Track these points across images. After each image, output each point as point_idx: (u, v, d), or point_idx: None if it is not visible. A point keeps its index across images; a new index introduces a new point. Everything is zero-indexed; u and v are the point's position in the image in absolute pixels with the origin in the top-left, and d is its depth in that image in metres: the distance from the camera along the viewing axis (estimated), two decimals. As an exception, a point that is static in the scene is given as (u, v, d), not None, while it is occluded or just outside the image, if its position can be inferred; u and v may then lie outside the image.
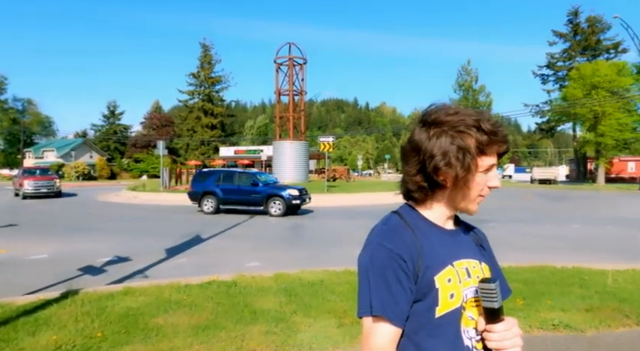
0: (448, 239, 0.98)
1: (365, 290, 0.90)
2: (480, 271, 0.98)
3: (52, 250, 7.56)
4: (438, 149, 0.91)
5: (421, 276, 0.90)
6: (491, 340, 0.91)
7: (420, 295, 0.90)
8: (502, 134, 0.93)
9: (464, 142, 0.90)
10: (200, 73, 62.39)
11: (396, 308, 0.87)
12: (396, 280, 0.87)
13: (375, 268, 0.89)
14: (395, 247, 0.89)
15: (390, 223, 0.96)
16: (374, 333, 0.87)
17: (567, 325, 3.65)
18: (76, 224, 11.75)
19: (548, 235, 9.69)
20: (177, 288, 4.74)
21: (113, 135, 65.15)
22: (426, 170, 0.93)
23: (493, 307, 0.89)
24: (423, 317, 0.90)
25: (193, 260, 6.79)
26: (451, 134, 0.91)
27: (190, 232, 9.39)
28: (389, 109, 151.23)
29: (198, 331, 3.49)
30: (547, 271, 5.64)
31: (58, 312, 3.91)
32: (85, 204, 18.22)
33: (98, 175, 50.96)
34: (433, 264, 0.91)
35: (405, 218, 0.97)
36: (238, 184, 13.76)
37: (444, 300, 0.90)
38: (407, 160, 0.97)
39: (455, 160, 0.90)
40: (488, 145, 0.92)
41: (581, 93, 34.47)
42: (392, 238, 0.92)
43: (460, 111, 0.94)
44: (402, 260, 0.88)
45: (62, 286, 5.01)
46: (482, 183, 0.95)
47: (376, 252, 0.90)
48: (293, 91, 30.84)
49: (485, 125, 0.91)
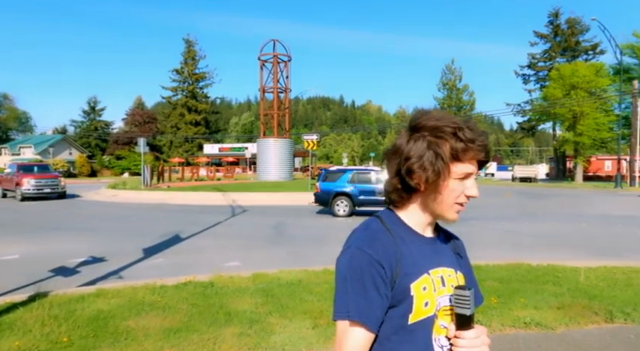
0: (426, 247, 0.99)
1: (342, 294, 0.90)
2: (455, 280, 0.99)
3: (24, 251, 7.34)
4: (413, 152, 0.93)
5: (398, 283, 0.90)
6: (460, 346, 0.92)
7: (395, 301, 0.91)
8: (480, 143, 0.93)
9: (439, 147, 0.92)
10: (184, 69, 61.57)
11: (371, 314, 0.88)
12: (373, 286, 0.88)
13: (353, 272, 0.89)
14: (374, 253, 0.90)
15: (370, 228, 0.97)
16: (347, 337, 0.88)
17: (539, 323, 3.70)
18: (50, 223, 11.44)
19: (525, 232, 9.87)
20: (152, 289, 4.65)
21: (94, 131, 63.73)
22: (401, 173, 0.95)
23: (465, 313, 0.91)
24: (396, 323, 0.91)
25: (171, 260, 6.68)
26: (428, 139, 0.93)
27: (170, 232, 9.24)
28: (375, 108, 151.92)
29: (170, 334, 3.42)
30: (523, 269, 5.73)
31: (24, 316, 3.79)
32: (63, 202, 17.76)
33: (78, 173, 49.83)
34: (410, 271, 0.92)
35: (386, 223, 0.97)
36: (375, 183, 12.41)
37: (418, 307, 0.91)
38: (387, 163, 0.99)
39: (427, 163, 0.91)
40: (464, 152, 0.92)
41: (560, 93, 35.22)
42: (372, 243, 0.92)
43: (443, 117, 0.94)
44: (381, 266, 0.89)
45: (31, 288, 4.85)
46: (457, 190, 0.95)
47: (355, 256, 0.90)
48: (277, 89, 30.67)
49: (464, 133, 0.92)
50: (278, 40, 30.41)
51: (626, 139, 31.59)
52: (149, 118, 62.58)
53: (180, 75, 61.83)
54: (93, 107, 65.42)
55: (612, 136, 34.16)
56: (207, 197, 17.98)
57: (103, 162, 56.26)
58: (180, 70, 61.63)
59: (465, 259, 1.10)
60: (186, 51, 61.81)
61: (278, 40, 30.41)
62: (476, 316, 3.13)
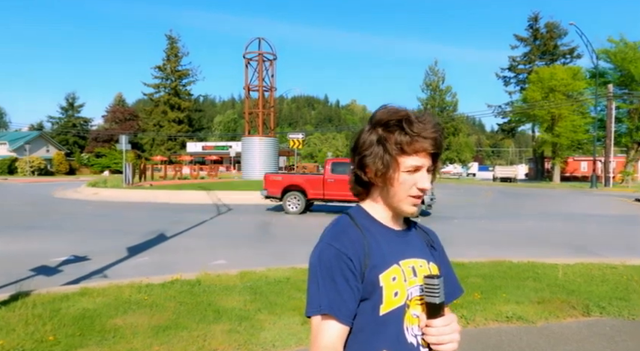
0: (395, 239, 1.00)
1: (314, 289, 0.91)
2: (428, 270, 1.00)
3: (3, 249, 7.14)
4: (365, 147, 0.96)
5: (367, 275, 0.91)
6: (430, 334, 0.93)
7: (366, 293, 0.92)
8: (426, 135, 0.93)
9: (386, 141, 0.94)
10: (166, 65, 60.62)
11: (343, 307, 0.88)
12: (343, 280, 0.89)
13: (322, 267, 0.91)
14: (342, 247, 0.91)
15: (339, 224, 0.98)
16: (322, 331, 0.88)
17: (520, 317, 3.84)
18: (29, 222, 11.13)
19: (505, 230, 10.13)
20: (138, 288, 4.60)
21: (72, 128, 62.10)
22: (359, 164, 0.99)
23: (434, 302, 0.92)
24: (369, 315, 0.92)
25: (156, 259, 6.61)
26: (379, 133, 0.96)
27: (154, 230, 9.12)
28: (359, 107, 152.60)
29: (159, 332, 3.40)
30: (504, 265, 5.90)
31: (7, 315, 3.71)
32: (41, 201, 17.30)
33: (55, 171, 48.50)
34: (379, 263, 0.93)
35: (355, 219, 0.99)
36: None
37: (388, 298, 0.92)
38: (351, 158, 1.02)
39: (377, 157, 0.94)
40: (408, 144, 0.93)
41: (539, 95, 36.16)
42: (340, 237, 0.93)
43: (396, 112, 0.95)
44: (349, 259, 0.90)
45: (12, 287, 4.73)
46: (407, 183, 0.95)
47: (324, 252, 0.92)
48: (263, 87, 30.51)
49: (410, 126, 0.92)
50: (264, 39, 30.27)
51: (602, 141, 32.66)
52: (130, 115, 61.38)
53: (162, 72, 60.85)
54: (71, 103, 63.75)
55: (588, 137, 35.27)
56: (191, 196, 17.78)
57: (82, 160, 54.89)
58: (162, 66, 60.64)
59: (440, 250, 1.11)
60: (168, 47, 60.85)
61: (264, 39, 30.27)
62: (461, 310, 3.20)
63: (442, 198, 20.75)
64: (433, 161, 0.98)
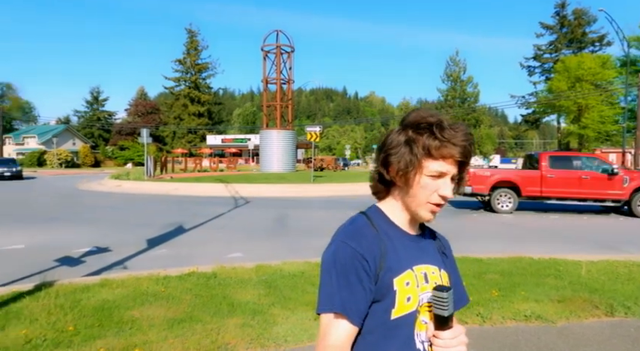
0: (410, 244, 1.00)
1: (326, 287, 0.91)
2: (439, 278, 1.00)
3: (30, 241, 7.42)
4: (392, 145, 0.96)
5: (381, 277, 0.91)
6: (437, 346, 0.93)
7: (379, 295, 0.91)
8: (457, 142, 0.92)
9: (414, 142, 0.94)
10: (186, 59, 61.31)
11: (355, 307, 0.88)
12: (357, 280, 0.89)
13: (337, 266, 0.90)
14: (358, 247, 0.91)
15: (356, 223, 0.98)
16: (332, 330, 0.88)
17: (539, 316, 3.73)
18: (55, 214, 11.53)
19: (526, 225, 9.87)
20: (156, 280, 4.70)
21: (97, 122, 63.82)
22: (380, 164, 0.99)
23: (442, 314, 0.91)
24: (379, 318, 0.92)
25: (174, 251, 6.73)
26: (409, 134, 0.95)
27: (173, 223, 9.30)
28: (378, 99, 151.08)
29: (174, 324, 3.46)
30: (524, 262, 5.75)
31: (31, 305, 3.84)
32: (66, 193, 17.88)
33: (81, 163, 50.03)
34: (394, 266, 0.93)
35: (372, 219, 0.98)
36: None
37: (400, 302, 0.92)
38: (376, 155, 1.02)
39: (400, 155, 0.94)
40: (437, 149, 0.92)
41: (565, 85, 34.91)
42: (356, 237, 0.93)
43: (430, 115, 0.95)
44: (365, 260, 0.90)
45: (37, 277, 4.91)
46: (429, 188, 0.95)
47: (340, 250, 0.91)
48: (280, 80, 30.51)
49: (441, 131, 0.92)
50: (281, 31, 30.19)
51: (632, 132, 31.31)
52: (152, 108, 62.55)
53: (182, 65, 61.61)
54: (96, 97, 65.44)
55: (617, 128, 33.94)
56: (210, 188, 18.04)
57: (107, 152, 56.44)
58: (182, 60, 61.38)
59: (451, 258, 1.11)
60: (188, 41, 61.49)
61: (281, 31, 30.19)
62: (477, 308, 3.12)
63: (462, 191, 20.41)
64: (459, 170, 0.97)
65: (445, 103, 54.15)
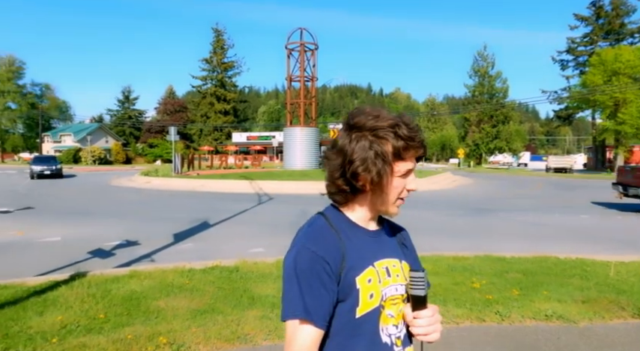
0: (370, 240, 1.00)
1: (289, 293, 0.90)
2: (400, 270, 1.01)
3: (65, 233, 7.83)
4: (357, 155, 0.92)
5: (343, 277, 0.91)
6: (419, 326, 0.95)
7: (343, 295, 0.92)
8: (419, 139, 0.94)
9: (381, 147, 0.92)
10: (213, 58, 62.39)
11: (319, 311, 0.89)
12: (319, 283, 0.89)
13: (298, 271, 0.89)
14: (318, 250, 0.90)
15: (314, 225, 0.97)
16: (297, 335, 0.88)
17: (561, 315, 3.66)
18: (89, 208, 12.09)
19: (554, 225, 9.59)
20: (181, 272, 4.89)
21: (128, 120, 66.05)
22: (346, 175, 0.94)
23: (420, 294, 0.94)
24: (345, 317, 0.92)
25: (199, 245, 6.95)
26: (370, 139, 0.93)
27: (198, 218, 9.58)
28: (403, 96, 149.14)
29: (197, 315, 3.61)
30: (549, 262, 5.62)
31: (66, 293, 4.09)
32: (99, 189, 18.66)
33: (114, 160, 51.93)
34: (355, 265, 0.93)
35: (330, 220, 0.98)
36: None
37: (364, 300, 0.93)
38: (330, 164, 0.97)
39: (372, 165, 0.91)
40: (405, 150, 0.93)
41: (601, 79, 33.44)
42: (316, 240, 0.92)
43: (380, 114, 0.94)
44: (326, 262, 0.90)
45: (72, 268, 5.21)
46: (400, 187, 0.97)
47: (300, 255, 0.91)
48: (304, 78, 30.64)
49: (402, 131, 0.93)
50: (305, 29, 30.26)
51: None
52: (180, 107, 64.13)
53: (209, 64, 62.76)
54: (127, 96, 67.71)
55: (658, 124, 32.18)
56: (234, 185, 18.40)
57: (137, 150, 58.34)
58: (209, 59, 62.52)
59: (411, 248, 1.12)
60: (215, 40, 62.57)
61: (305, 29, 30.26)
62: (496, 306, 3.12)
63: (488, 190, 19.95)
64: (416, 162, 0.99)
65: (472, 99, 52.89)
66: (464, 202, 14.06)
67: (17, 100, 58.39)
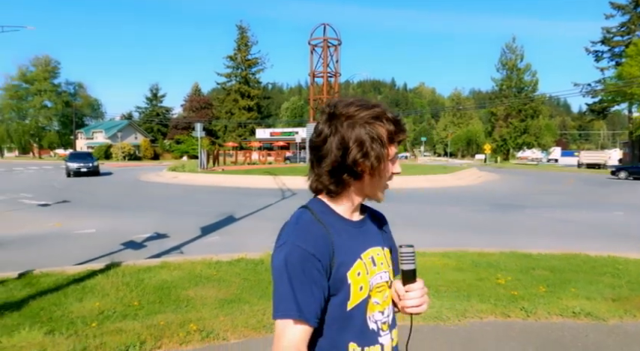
0: (355, 231, 1.00)
1: (281, 292, 0.89)
2: (384, 257, 1.03)
3: (99, 226, 8.20)
4: (353, 141, 0.91)
5: (334, 273, 0.92)
6: (411, 298, 0.99)
7: (334, 290, 0.92)
8: (403, 123, 0.97)
9: (377, 132, 0.92)
10: (237, 55, 63.07)
11: (311, 309, 0.88)
12: (311, 281, 0.88)
13: (289, 269, 0.88)
14: (309, 247, 0.89)
15: (301, 221, 0.96)
16: (287, 333, 0.87)
17: (589, 313, 3.59)
18: (120, 202, 12.57)
19: (584, 221, 9.29)
20: (209, 264, 5.06)
21: (156, 117, 67.79)
22: (345, 163, 0.92)
23: (411, 268, 0.99)
24: (336, 311, 0.93)
25: (225, 239, 7.15)
26: (364, 125, 0.92)
27: (224, 212, 9.81)
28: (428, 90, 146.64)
29: (224, 304, 3.75)
30: (579, 259, 5.49)
31: (102, 282, 4.32)
32: (129, 184, 19.33)
33: (142, 156, 53.50)
34: (345, 260, 0.94)
35: (317, 214, 0.97)
36: None
37: (354, 293, 0.94)
38: (320, 157, 0.95)
39: (371, 150, 0.91)
40: (396, 134, 0.95)
41: (638, 71, 31.84)
42: (305, 237, 0.91)
43: (364, 103, 0.95)
44: (316, 259, 0.89)
45: (107, 258, 5.48)
46: (389, 171, 0.98)
47: (290, 253, 0.89)
48: (327, 73, 30.62)
49: (392, 115, 0.95)
50: (328, 24, 30.19)
51: None
52: (205, 103, 65.31)
53: (233, 61, 63.49)
54: (155, 94, 69.45)
55: (700, 118, 30.42)
56: (258, 180, 18.68)
57: (165, 146, 59.89)
58: (233, 56, 63.24)
59: (389, 233, 1.13)
60: (239, 37, 63.21)
61: (328, 24, 30.19)
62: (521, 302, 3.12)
63: (514, 186, 19.44)
64: None
65: (500, 93, 51.46)
66: (490, 198, 13.79)
67: (53, 99, 60.96)
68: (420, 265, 5.12)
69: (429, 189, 17.00)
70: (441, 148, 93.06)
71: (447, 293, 4.08)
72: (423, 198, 13.71)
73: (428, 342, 3.11)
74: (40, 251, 6.17)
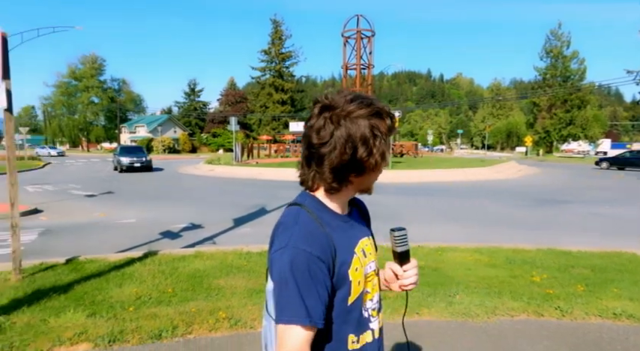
0: (346, 226, 1.00)
1: (287, 296, 0.88)
2: (371, 246, 1.07)
3: (139, 216, 8.62)
4: (359, 139, 0.90)
5: (337, 271, 0.93)
6: (407, 277, 1.05)
7: (337, 288, 0.94)
8: (393, 116, 0.97)
9: (379, 127, 0.92)
10: (271, 49, 63.62)
11: (318, 312, 0.88)
12: (317, 284, 0.88)
13: (295, 273, 0.87)
14: (313, 250, 0.89)
15: (301, 221, 0.94)
16: (291, 335, 0.86)
17: (631, 315, 3.39)
18: (160, 194, 13.12)
19: (632, 218, 8.72)
20: (240, 254, 5.21)
21: (193, 111, 69.89)
22: (351, 161, 0.91)
23: (405, 249, 1.05)
24: (339, 307, 0.95)
25: (257, 230, 7.30)
26: (366, 122, 0.90)
27: (257, 204, 10.02)
28: (465, 81, 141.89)
29: (253, 294, 3.86)
30: (623, 258, 5.18)
31: (140, 269, 4.56)
32: (168, 176, 20.10)
33: (181, 149, 55.42)
34: (345, 259, 0.95)
35: (313, 212, 0.96)
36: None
37: (354, 288, 0.96)
38: (321, 154, 0.93)
39: (375, 147, 0.91)
40: (392, 128, 0.95)
41: (701, 55, 29.21)
42: (307, 239, 0.90)
43: (371, 99, 0.94)
44: (321, 261, 0.89)
45: (145, 247, 5.77)
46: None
47: (296, 257, 0.88)
48: (360, 65, 30.30)
49: (387, 110, 0.94)
50: (362, 16, 29.76)
51: None
52: (240, 97, 66.55)
53: (267, 55, 64.12)
54: (193, 89, 71.54)
55: None
56: (291, 173, 18.72)
57: (202, 139, 61.71)
58: (267, 50, 63.85)
59: (369, 218, 1.18)
60: (273, 31, 63.68)
61: (362, 16, 29.76)
62: (557, 301, 3.01)
63: (557, 180, 18.51)
64: None
65: (543, 83, 48.90)
66: (528, 193, 13.23)
67: (99, 95, 64.22)
68: (450, 260, 5.06)
69: (464, 182, 16.54)
70: (479, 140, 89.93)
71: (477, 290, 3.98)
72: (456, 192, 13.36)
73: (456, 338, 3.07)
74: (86, 239, 6.58)
